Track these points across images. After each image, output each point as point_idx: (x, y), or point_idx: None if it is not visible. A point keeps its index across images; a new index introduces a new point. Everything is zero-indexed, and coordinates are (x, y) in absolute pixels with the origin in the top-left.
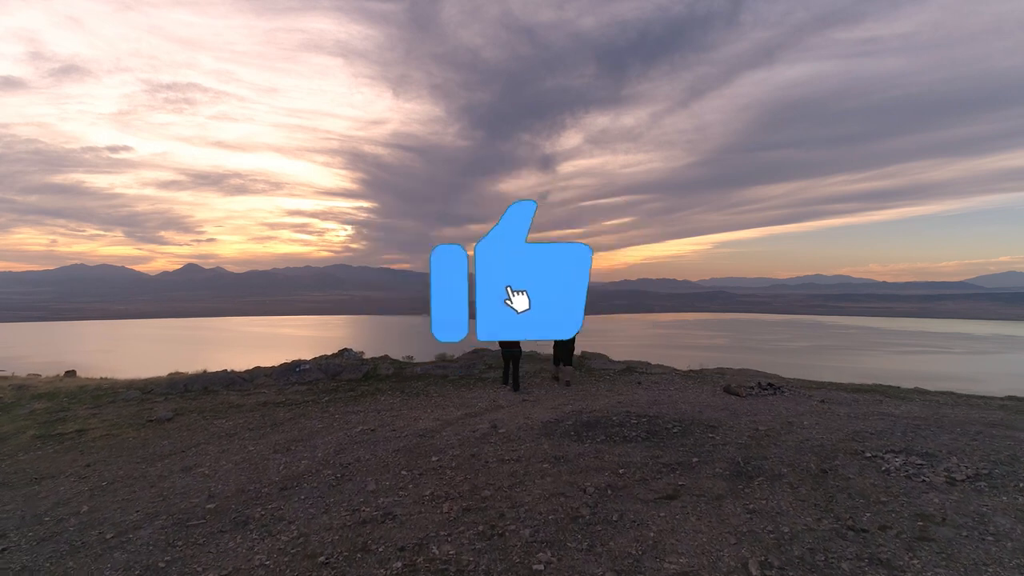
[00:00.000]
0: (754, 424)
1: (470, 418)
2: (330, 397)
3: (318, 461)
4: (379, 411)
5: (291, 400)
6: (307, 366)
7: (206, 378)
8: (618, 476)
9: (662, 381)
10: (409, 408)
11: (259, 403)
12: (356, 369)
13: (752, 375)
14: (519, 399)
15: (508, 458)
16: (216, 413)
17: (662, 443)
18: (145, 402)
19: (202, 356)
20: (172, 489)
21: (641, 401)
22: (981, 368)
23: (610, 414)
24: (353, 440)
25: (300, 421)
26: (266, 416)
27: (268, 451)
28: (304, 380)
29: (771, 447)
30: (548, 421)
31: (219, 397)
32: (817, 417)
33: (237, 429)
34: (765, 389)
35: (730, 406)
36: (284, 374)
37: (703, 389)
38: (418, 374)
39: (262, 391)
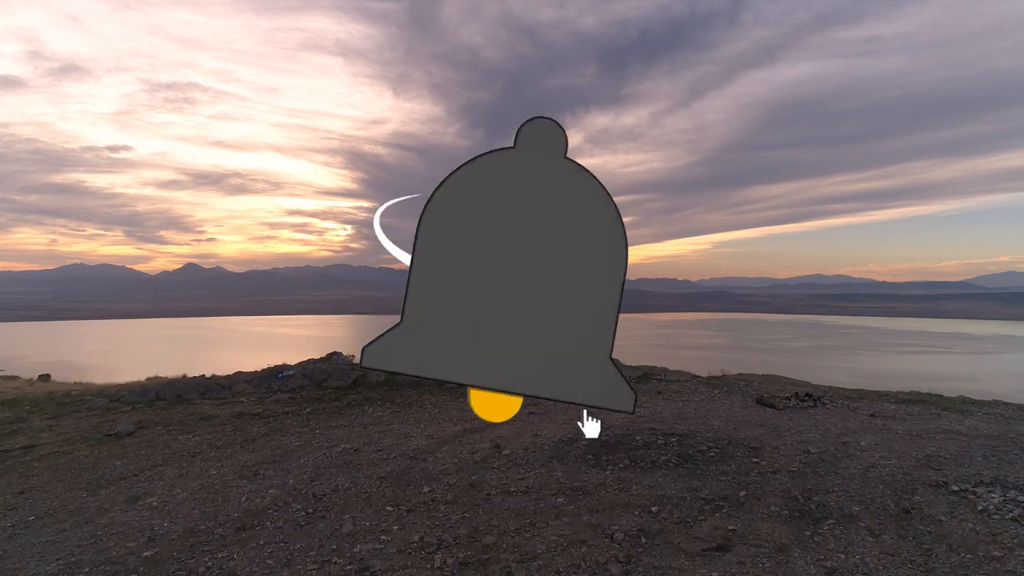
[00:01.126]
0: (803, 445)
1: (469, 435)
2: (313, 408)
3: (288, 490)
4: (366, 425)
5: (269, 411)
6: (291, 372)
7: (181, 384)
8: (651, 516)
9: (685, 391)
10: (400, 422)
11: (233, 414)
12: (344, 375)
13: (779, 382)
14: (525, 411)
15: (515, 489)
16: (183, 426)
17: (699, 470)
18: (110, 412)
19: (200, 356)
20: (109, 528)
21: (665, 415)
22: (981, 368)
23: (632, 432)
24: (332, 462)
25: (275, 437)
26: (238, 430)
27: (232, 476)
28: (287, 387)
29: (832, 477)
30: (560, 440)
31: (191, 407)
32: (874, 436)
33: (203, 447)
34: (803, 400)
35: (768, 421)
36: (266, 380)
37: (732, 400)
38: (412, 381)
39: (240, 399)
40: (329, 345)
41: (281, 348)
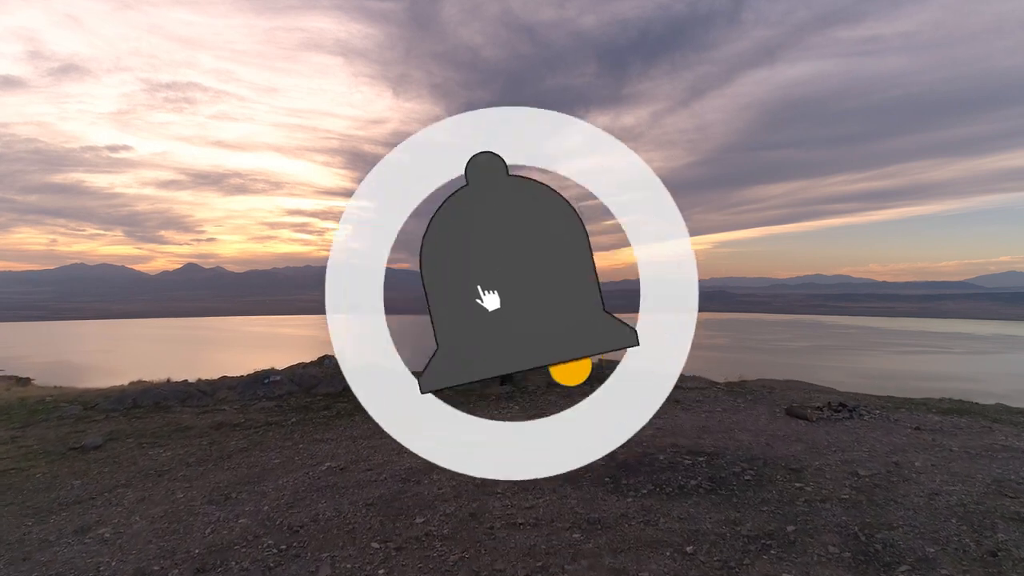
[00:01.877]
0: (849, 466)
1: None
2: (298, 418)
3: (261, 519)
4: (355, 439)
5: (251, 421)
6: (278, 377)
7: (161, 391)
8: (687, 559)
9: (704, 399)
10: None
11: (212, 425)
12: (335, 381)
13: (804, 389)
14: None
15: (522, 520)
16: (156, 439)
17: (735, 497)
18: (82, 421)
19: (198, 357)
20: (48, 567)
21: (687, 428)
22: (981, 368)
23: (652, 449)
24: (315, 484)
25: (254, 453)
26: (215, 444)
27: (201, 500)
28: (273, 394)
29: (892, 507)
30: None
31: (168, 416)
32: (927, 454)
33: (173, 463)
34: (837, 411)
35: (804, 436)
36: (251, 386)
37: (759, 411)
38: None
39: (222, 408)
40: (329, 346)
41: (281, 348)
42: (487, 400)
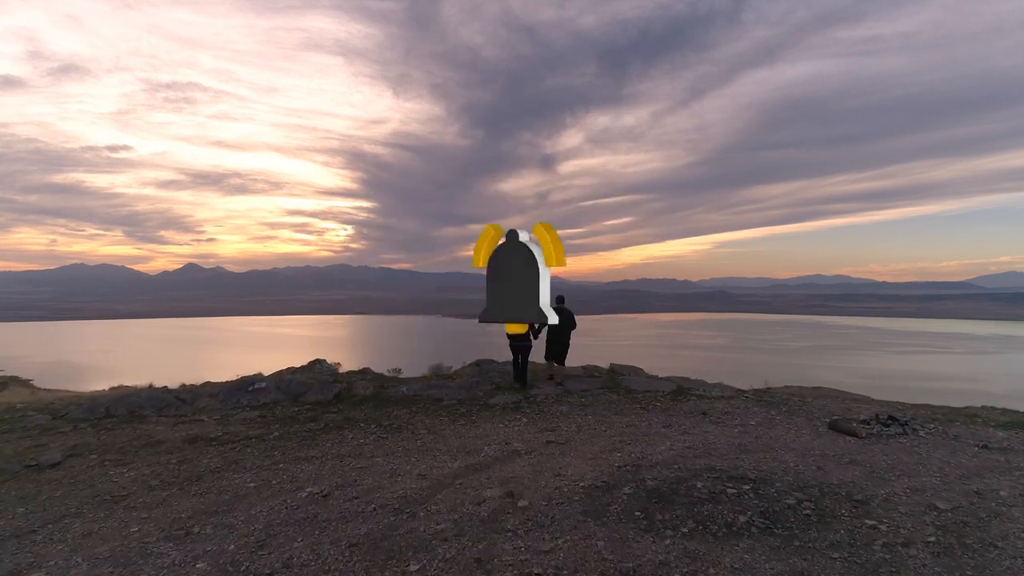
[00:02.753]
0: (923, 496)
1: (473, 474)
2: (282, 431)
3: (224, 564)
4: (342, 457)
5: (229, 435)
6: (263, 384)
7: (137, 398)
8: None
9: (734, 411)
10: (385, 453)
11: (187, 438)
12: (326, 388)
13: (836, 397)
14: (542, 440)
15: (539, 571)
16: (122, 454)
17: (796, 539)
18: (46, 433)
19: (197, 357)
20: None
21: (722, 446)
22: (981, 368)
23: (687, 472)
24: (292, 516)
25: (227, 475)
26: (185, 463)
27: (157, 535)
28: (257, 403)
29: (992, 553)
30: (592, 485)
31: (141, 427)
32: (1010, 481)
33: (135, 486)
34: (887, 425)
35: (858, 457)
36: (233, 394)
37: (797, 424)
38: (404, 396)
39: (200, 418)
40: (329, 346)
41: (280, 349)
42: (491, 410)
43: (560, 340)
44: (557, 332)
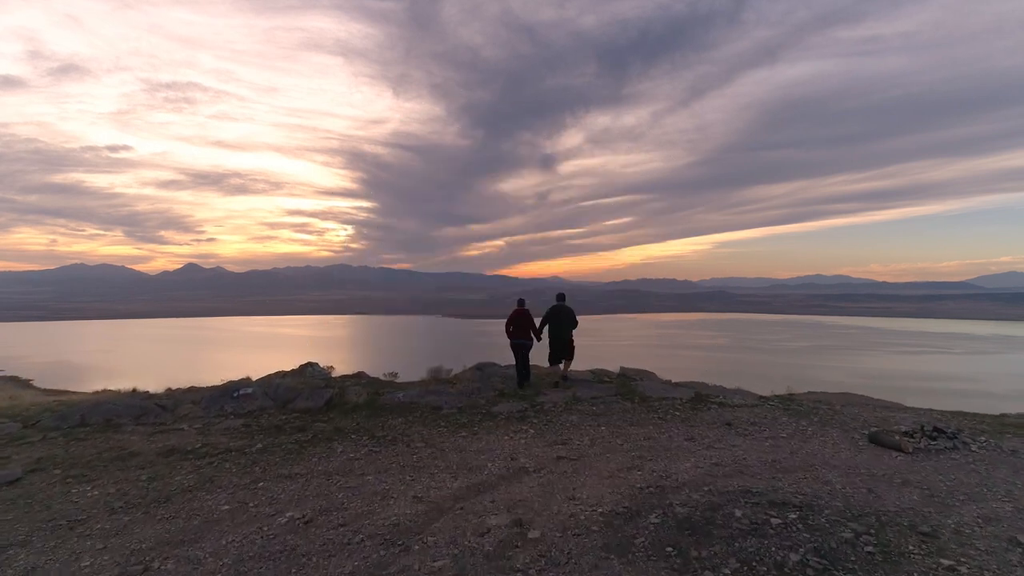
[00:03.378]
0: (998, 527)
1: (475, 496)
2: (266, 442)
3: None
4: (329, 475)
5: (209, 447)
6: (249, 390)
7: (114, 406)
8: None
9: (761, 421)
10: (377, 470)
11: (162, 450)
12: (316, 394)
13: (865, 404)
14: (552, 455)
15: None
16: (90, 469)
17: None
18: (12, 444)
19: (196, 357)
20: None
21: (754, 463)
22: (982, 368)
23: (720, 496)
24: (267, 548)
25: (200, 495)
26: (156, 480)
27: (111, 570)
28: (242, 410)
29: None
30: (612, 512)
31: (115, 437)
32: None
33: (96, 508)
34: (934, 438)
35: (911, 476)
36: (217, 401)
37: (832, 436)
38: (399, 403)
39: (180, 427)
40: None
41: (279, 349)
42: (495, 420)
43: (561, 339)
44: (558, 330)
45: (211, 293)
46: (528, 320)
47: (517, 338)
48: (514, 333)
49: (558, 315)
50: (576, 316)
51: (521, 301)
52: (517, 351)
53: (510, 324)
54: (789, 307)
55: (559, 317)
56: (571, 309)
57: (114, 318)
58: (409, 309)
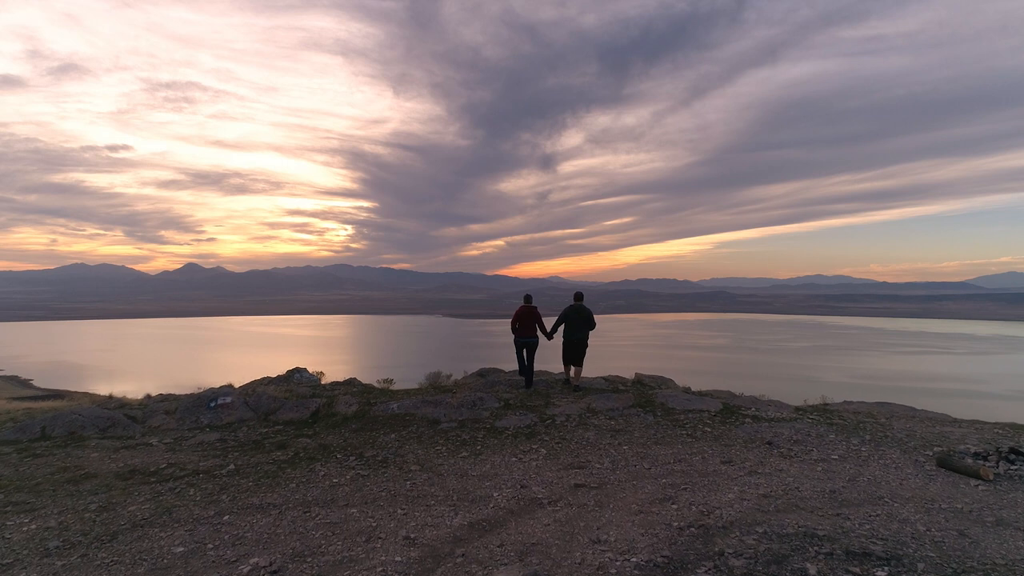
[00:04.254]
0: None
1: (479, 538)
2: (239, 463)
3: None
4: (308, 506)
5: (175, 467)
6: (228, 399)
7: (79, 417)
8: None
9: (806, 439)
10: (364, 500)
11: (123, 471)
12: (302, 405)
13: (912, 416)
14: (568, 481)
15: None
16: (35, 495)
17: None
18: None
19: (193, 357)
20: None
21: (809, 494)
22: (982, 369)
23: (780, 540)
24: None
25: (152, 531)
26: (107, 509)
27: None
28: (219, 422)
29: None
30: (652, 562)
31: (75, 453)
32: None
33: (28, 548)
34: (1013, 462)
35: (1003, 513)
36: (193, 411)
37: (893, 459)
38: (393, 415)
39: (149, 441)
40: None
41: (277, 349)
42: (500, 437)
43: (578, 340)
44: (575, 331)
45: (211, 293)
46: (535, 317)
47: (523, 335)
48: (520, 330)
49: (576, 315)
50: (594, 317)
51: (528, 297)
52: (522, 349)
53: (516, 321)
54: (789, 307)
55: (577, 317)
56: (589, 310)
57: (114, 318)
58: (409, 309)
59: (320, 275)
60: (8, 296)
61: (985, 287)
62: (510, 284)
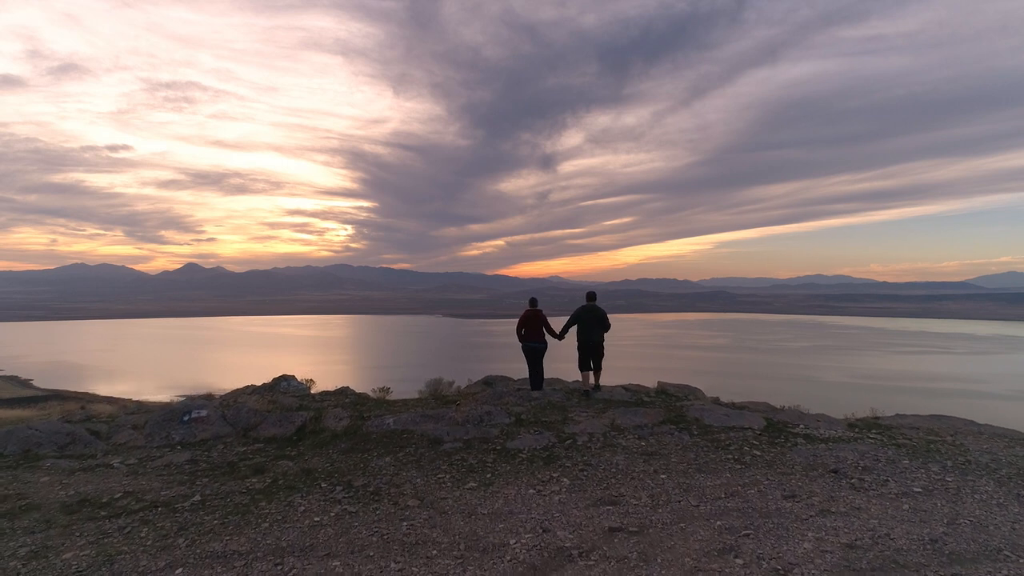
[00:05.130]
0: None
1: None
2: (206, 492)
3: None
4: (280, 554)
5: (134, 495)
6: (204, 412)
7: (36, 432)
8: None
9: (873, 465)
10: (350, 548)
11: (70, 502)
12: (286, 419)
13: (979, 432)
14: (600, 523)
15: None
16: None
17: None
18: None
19: (190, 357)
20: None
21: (906, 545)
22: (983, 369)
23: None
24: None
25: None
26: (37, 555)
27: None
28: (192, 439)
29: None
30: None
31: (23, 476)
32: None
33: None
34: None
35: None
36: (163, 426)
37: (985, 490)
38: (389, 431)
39: (110, 461)
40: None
41: (276, 349)
42: (513, 461)
43: (593, 342)
44: (589, 333)
45: (211, 293)
46: (541, 321)
47: (530, 340)
48: (526, 335)
49: (590, 316)
50: (608, 318)
51: (533, 301)
52: (530, 355)
53: (521, 326)
54: (789, 307)
55: (591, 318)
56: (603, 310)
57: (114, 318)
58: (409, 309)
59: (320, 275)
60: (8, 296)
61: (985, 287)
62: (510, 284)
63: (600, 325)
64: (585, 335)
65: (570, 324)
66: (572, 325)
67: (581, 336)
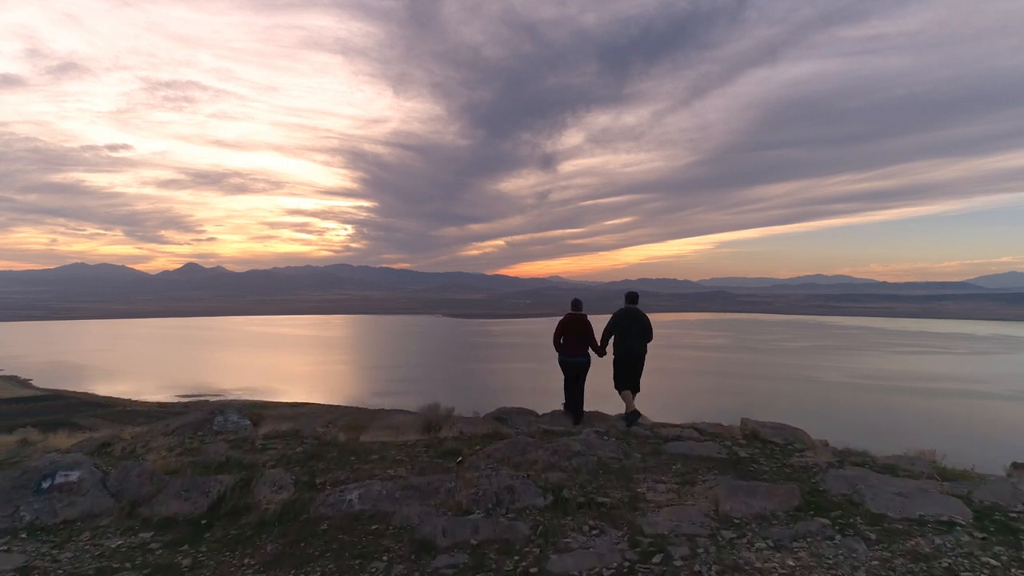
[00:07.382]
0: None
1: None
2: None
3: None
4: None
5: None
6: (73, 475)
7: None
8: None
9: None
10: None
11: None
12: (197, 487)
13: None
14: None
15: None
16: None
17: None
18: None
19: (189, 357)
20: None
21: None
22: (983, 369)
23: None
24: None
25: None
26: None
27: None
28: (48, 520)
29: None
30: None
31: None
32: None
33: None
34: None
35: None
36: (11, 497)
37: None
38: (350, 516)
39: None
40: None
41: (275, 349)
42: None
43: (635, 355)
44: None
45: (211, 293)
46: (586, 329)
47: (571, 354)
48: (566, 346)
49: (633, 322)
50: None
51: (576, 303)
52: (569, 372)
53: (560, 334)
54: (789, 307)
55: (635, 325)
56: (646, 315)
57: (114, 318)
58: (409, 309)
59: (320, 275)
60: (8, 296)
61: (985, 287)
62: (510, 284)
63: (644, 334)
64: (627, 346)
65: (609, 332)
66: (612, 334)
67: (621, 347)
